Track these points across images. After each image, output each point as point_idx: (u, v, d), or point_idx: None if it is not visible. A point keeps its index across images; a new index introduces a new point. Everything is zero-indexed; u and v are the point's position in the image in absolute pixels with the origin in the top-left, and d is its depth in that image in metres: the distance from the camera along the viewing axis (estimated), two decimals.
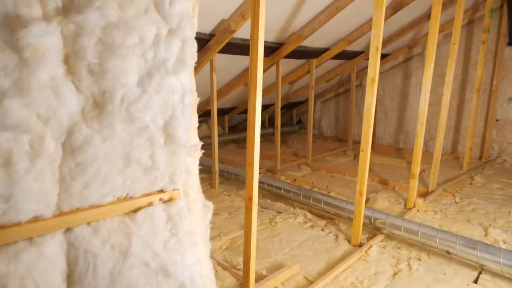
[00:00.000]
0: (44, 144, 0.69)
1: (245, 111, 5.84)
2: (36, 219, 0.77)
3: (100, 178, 0.80)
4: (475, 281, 2.04)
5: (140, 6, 0.72)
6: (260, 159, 5.12)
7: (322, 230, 2.68)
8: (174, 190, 0.98)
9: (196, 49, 0.81)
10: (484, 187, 3.65)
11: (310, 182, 3.77)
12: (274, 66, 4.03)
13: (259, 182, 3.32)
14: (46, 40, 0.63)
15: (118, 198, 0.89)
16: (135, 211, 0.92)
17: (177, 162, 0.91)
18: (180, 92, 0.83)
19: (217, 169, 3.55)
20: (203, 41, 3.06)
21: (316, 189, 3.68)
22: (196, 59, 1.03)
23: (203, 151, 1.16)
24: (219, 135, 5.70)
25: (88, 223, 0.85)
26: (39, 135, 0.68)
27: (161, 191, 0.96)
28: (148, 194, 0.94)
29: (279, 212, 2.97)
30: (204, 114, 5.24)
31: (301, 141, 6.06)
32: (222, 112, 5.58)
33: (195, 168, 1.06)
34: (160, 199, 0.96)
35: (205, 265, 1.11)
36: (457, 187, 3.65)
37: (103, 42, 0.70)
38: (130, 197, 0.91)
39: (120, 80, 0.73)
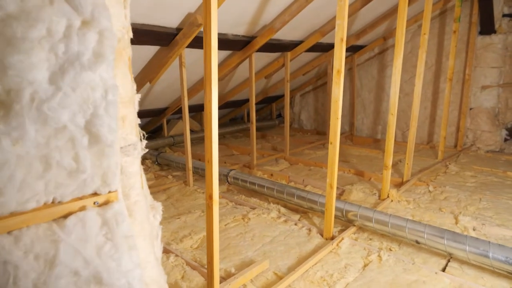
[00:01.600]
0: None
1: (222, 107, 5.78)
2: None
3: (15, 184, 0.74)
4: (443, 269, 2.06)
5: None
6: (237, 154, 5.08)
7: (296, 224, 2.66)
8: (110, 192, 0.92)
9: (115, 42, 0.76)
10: (458, 175, 3.70)
11: (286, 177, 3.75)
12: (248, 60, 3.97)
13: (234, 178, 3.28)
14: None
15: (44, 204, 0.83)
16: (66, 216, 0.86)
17: (107, 163, 0.85)
18: (102, 89, 0.77)
19: (190, 166, 3.49)
20: (170, 36, 2.98)
21: (292, 183, 3.66)
22: (129, 54, 0.98)
23: (146, 150, 1.11)
24: (196, 132, 5.63)
25: (9, 232, 0.79)
26: None
27: (95, 194, 0.91)
28: (80, 198, 0.89)
29: (253, 208, 2.94)
30: (180, 111, 5.15)
31: (281, 135, 6.03)
32: (199, 108, 5.49)
33: (135, 168, 1.01)
34: (94, 203, 0.90)
35: (152, 269, 1.06)
36: (432, 176, 3.68)
37: (2, 35, 0.64)
38: (59, 202, 0.85)
39: (27, 77, 0.67)
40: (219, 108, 5.81)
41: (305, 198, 2.72)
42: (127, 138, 0.97)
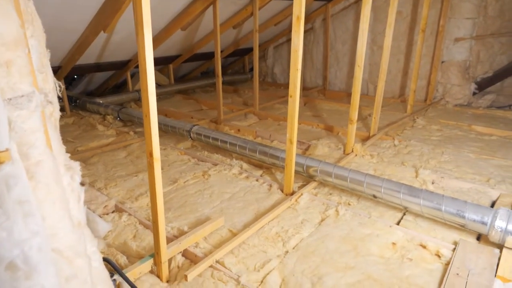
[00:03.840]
0: None
1: (191, 59, 5.49)
2: None
3: None
4: (398, 223, 2.07)
5: None
6: (206, 109, 4.90)
7: (257, 180, 2.61)
8: None
9: None
10: (424, 129, 3.70)
11: (253, 132, 3.66)
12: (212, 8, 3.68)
13: (197, 134, 3.15)
14: None
15: None
16: None
17: None
18: None
19: None
20: None
21: (259, 139, 3.59)
22: None
23: (50, 102, 0.96)
24: (164, 86, 5.38)
25: None
26: None
27: None
28: None
29: (215, 164, 2.86)
30: None
31: (253, 89, 5.85)
32: (165, 60, 5.20)
33: (34, 124, 0.87)
34: None
35: (66, 235, 0.96)
36: (398, 130, 3.67)
37: None
38: None
39: None
40: (187, 61, 5.53)
41: (267, 154, 2.65)
42: (16, 88, 0.82)
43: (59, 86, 1.13)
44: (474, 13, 4.37)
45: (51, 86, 1.08)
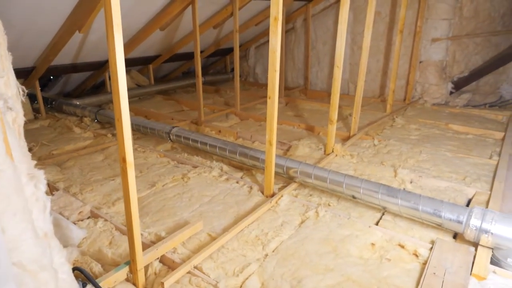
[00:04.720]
0: None
1: (171, 59, 5.41)
2: None
3: None
4: (377, 223, 2.08)
5: None
6: (187, 110, 4.84)
7: (237, 182, 2.59)
8: None
9: None
10: (403, 128, 3.75)
11: (234, 133, 3.63)
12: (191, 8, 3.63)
13: (176, 136, 3.10)
14: None
15: None
16: None
17: None
18: None
19: None
20: None
21: (240, 139, 3.56)
22: None
23: (10, 109, 0.91)
24: (144, 86, 5.29)
25: None
26: None
27: None
28: None
29: (195, 167, 2.82)
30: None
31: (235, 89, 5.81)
32: (145, 60, 5.11)
33: None
34: None
35: (29, 248, 0.91)
36: (378, 130, 3.71)
37: None
38: None
39: None
40: (168, 61, 5.45)
41: (248, 155, 2.63)
42: None
43: (23, 91, 1.08)
44: (450, 14, 4.46)
45: (13, 91, 1.03)
